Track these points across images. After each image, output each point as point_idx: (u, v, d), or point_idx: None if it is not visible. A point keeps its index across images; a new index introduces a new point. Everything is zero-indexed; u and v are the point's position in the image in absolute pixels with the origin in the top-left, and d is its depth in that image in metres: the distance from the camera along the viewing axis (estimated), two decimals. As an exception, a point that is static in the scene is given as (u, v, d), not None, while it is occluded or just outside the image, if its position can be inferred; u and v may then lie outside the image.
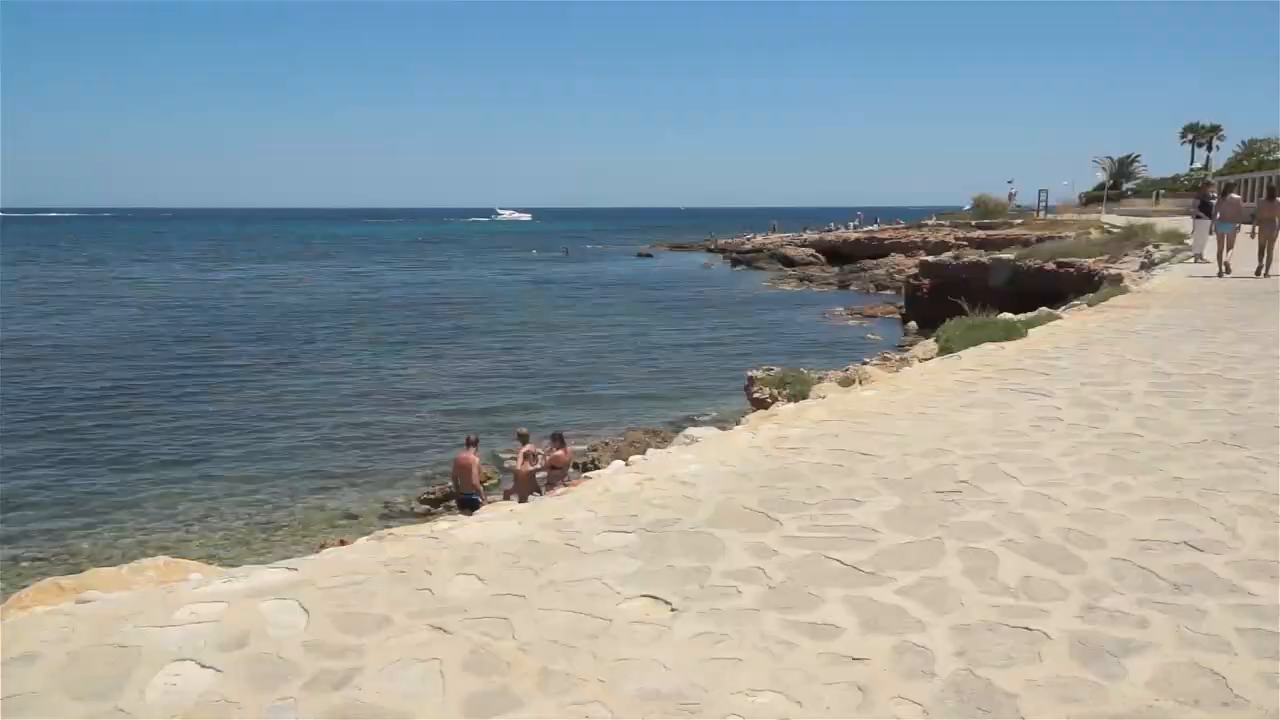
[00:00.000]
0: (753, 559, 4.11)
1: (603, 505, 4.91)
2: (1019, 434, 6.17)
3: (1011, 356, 9.24)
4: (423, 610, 3.66)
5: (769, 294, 49.92)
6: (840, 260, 61.55)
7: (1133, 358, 8.87)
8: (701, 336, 33.84)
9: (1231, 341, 9.71)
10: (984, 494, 4.95)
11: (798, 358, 24.36)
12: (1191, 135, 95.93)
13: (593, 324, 37.29)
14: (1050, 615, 3.50)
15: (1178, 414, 6.61)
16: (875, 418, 6.78)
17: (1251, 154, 60.49)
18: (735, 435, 6.58)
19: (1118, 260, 25.01)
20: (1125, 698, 2.94)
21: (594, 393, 23.88)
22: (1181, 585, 3.75)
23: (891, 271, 50.42)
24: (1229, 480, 5.08)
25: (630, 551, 4.23)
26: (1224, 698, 2.94)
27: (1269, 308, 12.45)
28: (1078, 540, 4.26)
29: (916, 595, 3.71)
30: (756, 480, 5.28)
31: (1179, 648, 3.25)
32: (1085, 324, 11.50)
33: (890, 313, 38.54)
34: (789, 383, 11.55)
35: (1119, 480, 5.12)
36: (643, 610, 3.64)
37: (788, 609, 3.61)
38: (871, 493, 5.01)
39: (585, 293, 51.20)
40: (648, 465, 5.80)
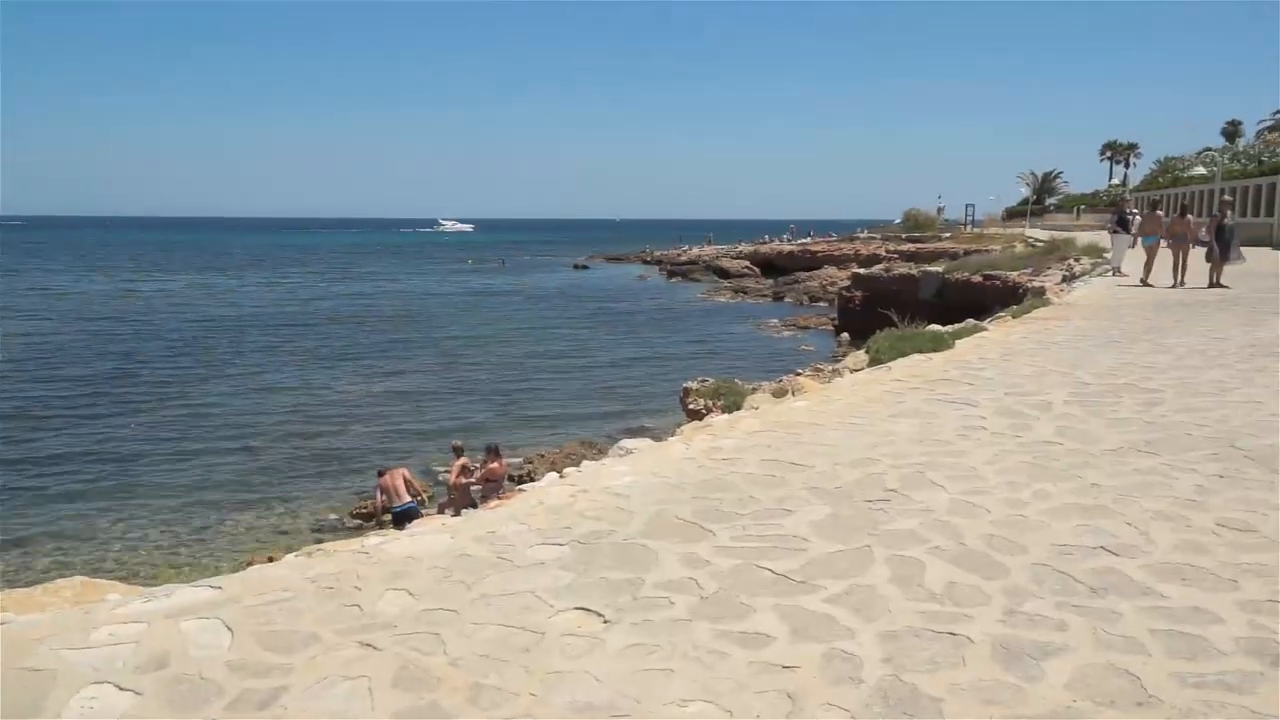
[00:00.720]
0: (685, 569, 4.13)
1: (536, 518, 4.89)
2: (945, 443, 6.31)
3: (939, 367, 9.44)
4: (351, 627, 3.61)
5: (705, 305, 50.28)
6: (774, 272, 62.31)
7: (1054, 368, 9.13)
8: (638, 348, 33.94)
9: (1146, 352, 10.06)
10: (912, 502, 5.05)
11: (733, 369, 24.56)
12: (1110, 152, 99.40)
13: (528, 337, 37.14)
14: (974, 620, 3.59)
15: (1096, 423, 6.83)
16: (807, 428, 6.87)
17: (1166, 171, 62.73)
18: (669, 446, 6.60)
19: (1041, 273, 25.74)
20: (1044, 699, 3.02)
21: (530, 405, 23.77)
22: (1098, 589, 3.87)
23: (824, 284, 51.19)
24: (1143, 486, 5.25)
25: (563, 564, 4.22)
26: (1138, 698, 3.03)
27: (1182, 319, 12.92)
28: (1000, 546, 4.37)
29: (845, 603, 3.76)
30: (690, 491, 5.31)
31: (1096, 649, 3.35)
32: (1009, 335, 11.80)
33: (823, 324, 39.11)
34: (723, 394, 11.63)
35: (1040, 487, 5.26)
36: (575, 622, 3.64)
37: (719, 619, 3.63)
38: (802, 502, 5.07)
39: (521, 305, 50.99)
40: (581, 477, 5.79)
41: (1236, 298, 15.80)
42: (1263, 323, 12.35)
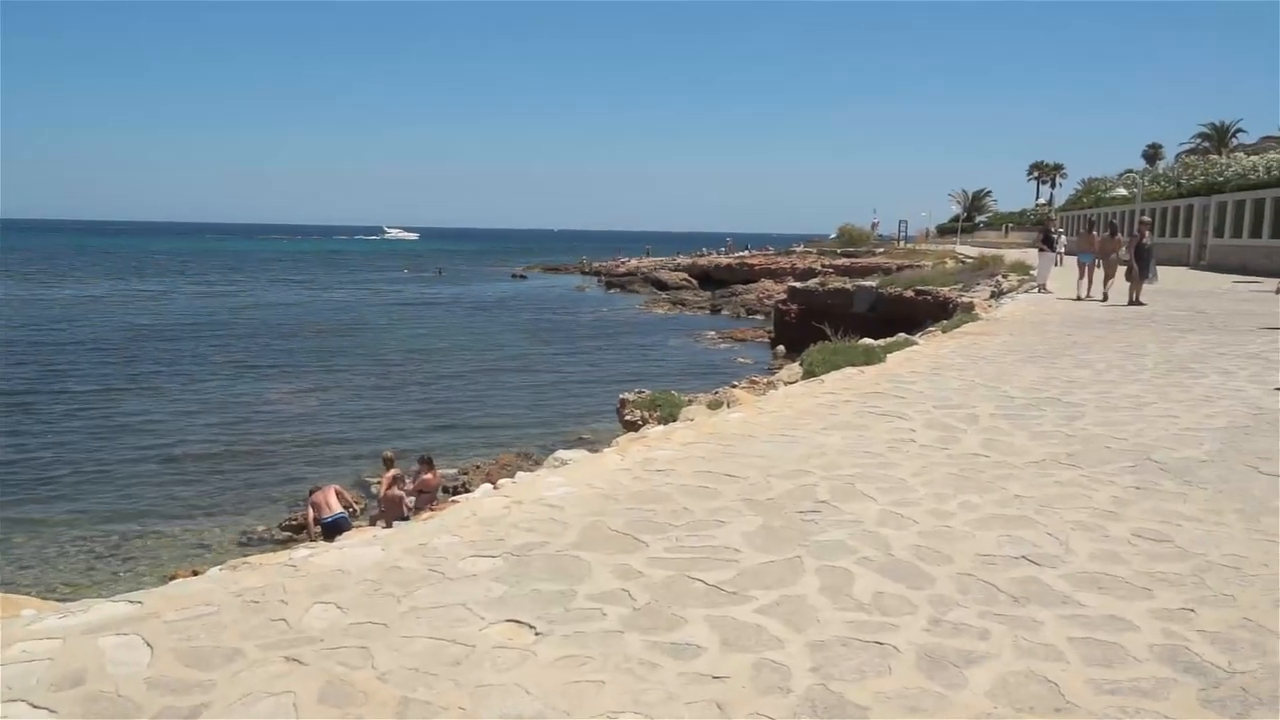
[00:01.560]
0: (618, 581, 4.14)
1: (468, 529, 4.85)
2: (876, 455, 6.42)
3: (871, 380, 9.60)
4: (277, 641, 3.54)
5: (642, 317, 50.41)
6: (712, 285, 62.78)
7: (981, 382, 9.35)
8: (575, 359, 33.88)
9: (1069, 367, 10.35)
10: (842, 513, 5.12)
11: (670, 380, 24.65)
12: (1037, 173, 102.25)
13: (465, 347, 36.82)
14: (900, 629, 3.65)
15: (1020, 435, 7.01)
16: (741, 439, 6.93)
17: (1090, 191, 64.70)
18: (604, 457, 6.61)
19: (970, 289, 26.31)
20: (966, 706, 3.09)
21: (466, 416, 23.57)
22: (1020, 598, 3.97)
23: (761, 296, 51.73)
24: (1064, 497, 5.41)
25: (495, 576, 4.20)
26: (1057, 704, 3.12)
27: (1102, 335, 13.33)
28: (927, 556, 4.46)
29: (776, 613, 3.80)
30: (624, 502, 5.32)
31: (1016, 657, 3.43)
32: (939, 350, 12.05)
33: (760, 336, 39.48)
34: (659, 405, 11.67)
35: (966, 499, 5.38)
36: (506, 635, 3.62)
37: (651, 630, 3.65)
38: (735, 513, 5.11)
39: (458, 315, 50.56)
40: (515, 488, 5.76)
41: (1153, 315, 16.36)
42: (1178, 339, 12.81)
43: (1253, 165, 39.64)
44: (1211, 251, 34.53)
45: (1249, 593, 4.04)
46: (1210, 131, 76.38)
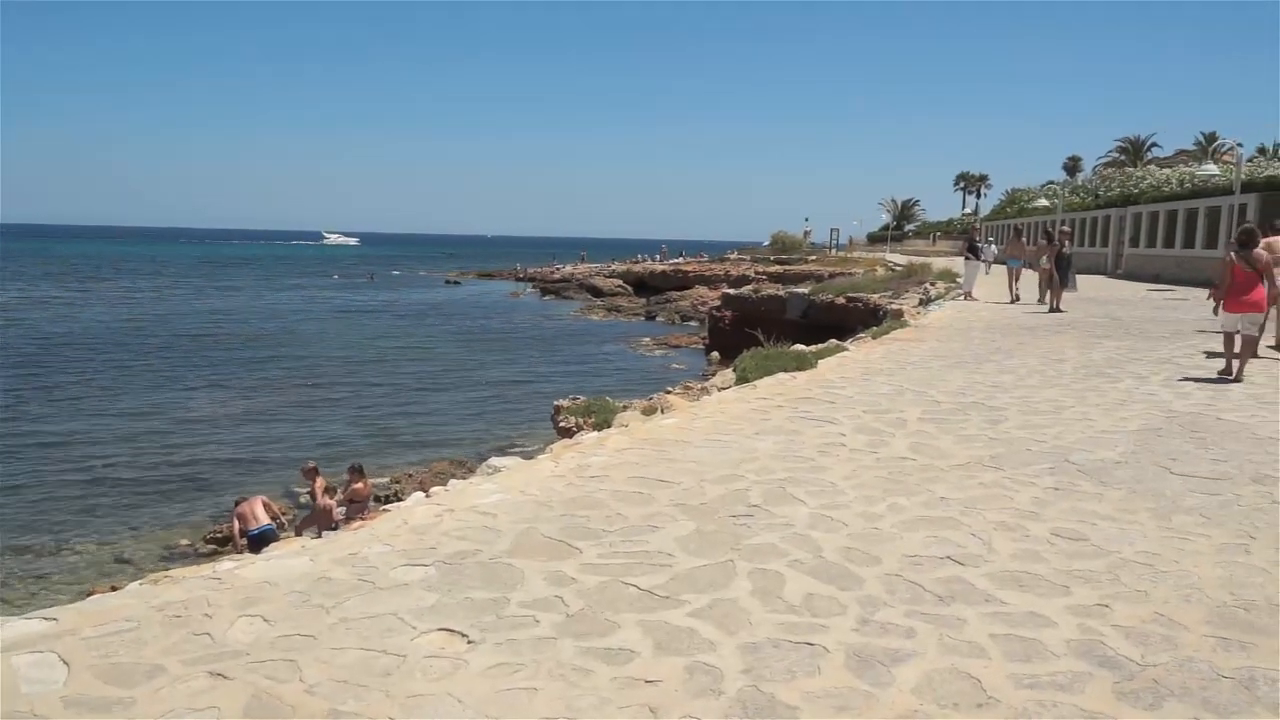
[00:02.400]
0: (551, 587, 4.14)
1: (399, 538, 4.81)
2: (807, 459, 6.52)
3: (802, 386, 9.74)
4: (200, 656, 3.46)
5: (578, 323, 50.34)
6: (647, 291, 62.94)
7: (909, 387, 9.55)
8: (509, 366, 33.68)
9: (993, 372, 10.63)
10: (774, 517, 5.19)
11: (605, 387, 24.67)
12: (963, 183, 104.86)
13: (396, 354, 36.32)
14: (829, 630, 3.72)
15: (946, 439, 7.18)
16: (674, 445, 6.98)
17: (1013, 201, 66.59)
18: (538, 464, 6.60)
19: (899, 296, 26.83)
20: (893, 704, 3.16)
21: (398, 425, 23.25)
22: (945, 597, 4.07)
23: (696, 303, 51.98)
24: (987, 499, 5.56)
25: (427, 584, 4.17)
26: (979, 699, 3.21)
27: (1024, 342, 13.72)
28: (856, 558, 4.54)
29: (708, 616, 3.84)
30: (558, 509, 5.32)
31: (941, 654, 3.52)
32: (869, 355, 12.28)
33: (694, 343, 39.70)
34: (594, 411, 11.66)
35: (894, 501, 5.50)
36: (438, 644, 3.59)
37: (584, 636, 3.65)
38: (669, 518, 5.15)
39: (390, 322, 49.86)
40: (448, 496, 5.72)
41: (1073, 322, 16.88)
42: (1096, 345, 13.24)
43: (1166, 178, 41.17)
44: (1128, 260, 35.75)
45: (1161, 588, 4.20)
46: (1126, 145, 79.23)
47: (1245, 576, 4.35)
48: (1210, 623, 3.84)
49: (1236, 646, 3.62)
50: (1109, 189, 45.88)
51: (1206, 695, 3.23)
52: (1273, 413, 8.31)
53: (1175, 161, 57.79)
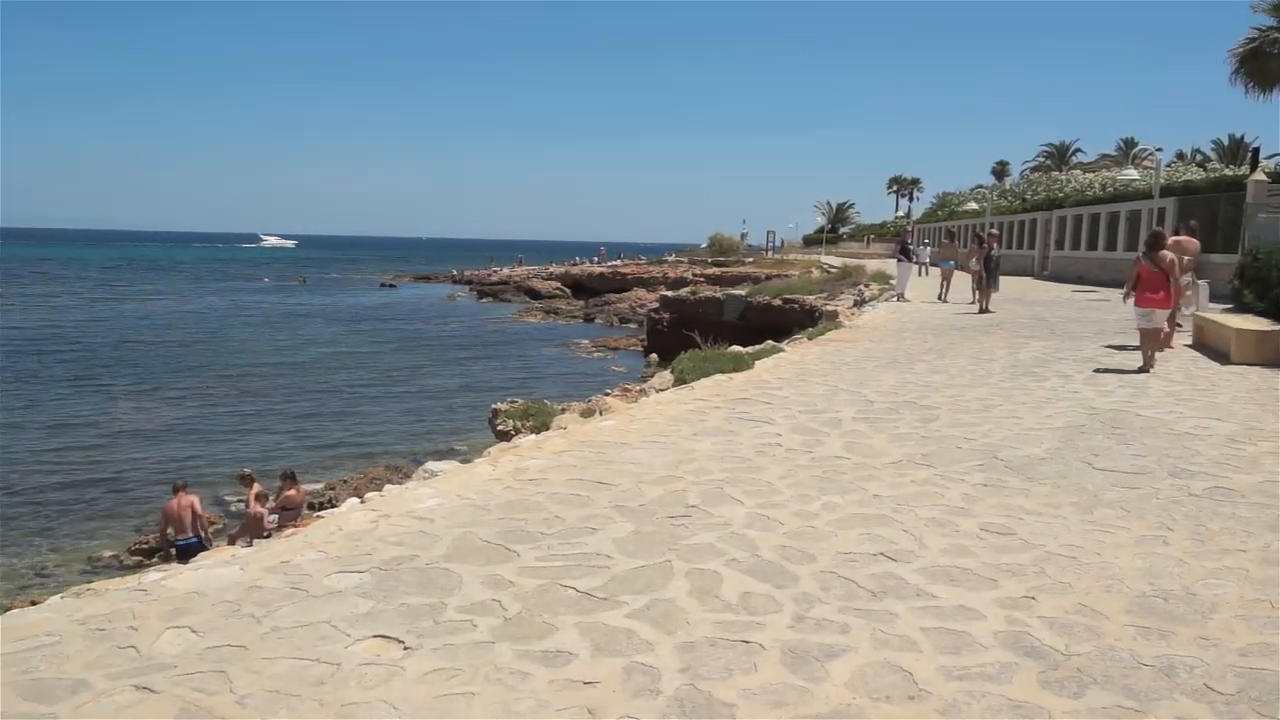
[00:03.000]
0: (489, 591, 4.12)
1: (333, 545, 4.74)
2: (744, 459, 6.58)
3: (739, 387, 9.82)
4: (126, 670, 3.37)
5: (516, 326, 50.08)
6: (585, 294, 62.91)
7: (843, 387, 9.69)
8: (447, 369, 33.37)
9: (925, 372, 10.85)
10: (711, 517, 5.23)
11: (543, 389, 24.60)
12: (896, 186, 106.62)
13: (329, 359, 35.72)
14: (765, 627, 3.76)
15: (879, 438, 7.30)
16: (613, 447, 6.99)
17: (944, 205, 68.00)
18: (475, 468, 6.55)
19: (834, 298, 27.19)
20: (827, 698, 3.21)
21: (332, 430, 22.88)
22: (877, 592, 4.15)
23: (634, 305, 52.11)
24: (919, 496, 5.67)
25: (362, 591, 4.11)
26: (910, 692, 3.27)
27: (955, 342, 14.01)
28: (792, 556, 4.60)
29: (646, 617, 3.86)
30: (495, 512, 5.29)
31: (874, 649, 3.59)
32: (804, 356, 12.43)
33: (633, 345, 39.77)
34: (532, 414, 11.62)
35: (828, 500, 5.58)
36: (373, 651, 3.55)
37: (522, 639, 3.65)
38: (607, 520, 5.16)
39: (323, 326, 49.02)
40: (384, 501, 5.65)
41: (1001, 322, 17.28)
42: (1023, 345, 13.57)
43: (1089, 182, 42.40)
44: (1053, 262, 36.69)
45: (1084, 580, 4.33)
46: (1052, 150, 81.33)
47: (1163, 567, 4.51)
48: (1130, 612, 3.97)
49: (1156, 635, 3.75)
50: (1035, 193, 47.08)
51: (1128, 683, 3.34)
52: (1189, 409, 8.61)
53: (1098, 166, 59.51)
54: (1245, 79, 31.89)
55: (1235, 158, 53.97)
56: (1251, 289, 14.60)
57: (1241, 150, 55.76)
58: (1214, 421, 8.04)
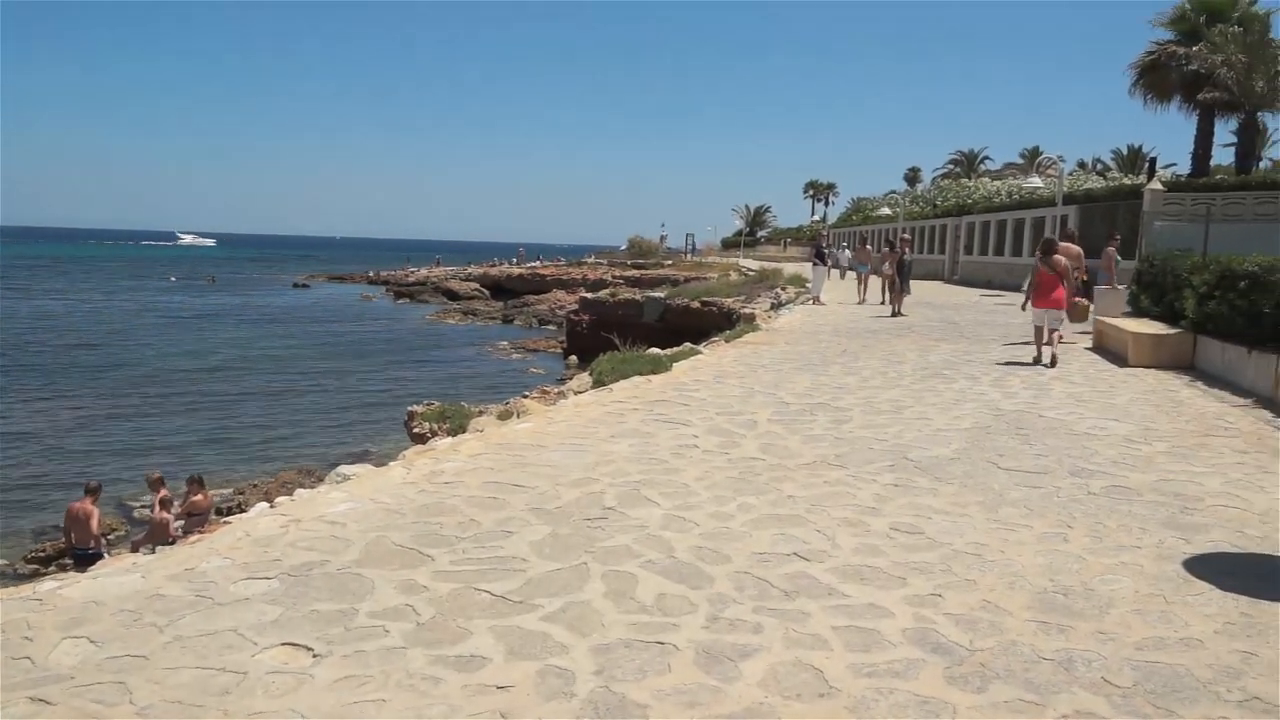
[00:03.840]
0: (402, 596, 4.06)
1: (240, 551, 4.61)
2: (661, 461, 6.61)
3: (657, 389, 9.87)
4: (20, 681, 3.24)
5: (433, 328, 49.43)
6: (504, 295, 62.46)
7: (759, 389, 9.82)
8: (362, 372, 32.74)
9: (839, 374, 11.06)
10: (628, 519, 5.25)
11: (461, 392, 24.33)
12: (813, 191, 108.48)
13: (240, 361, 34.69)
14: (680, 628, 3.79)
15: (794, 439, 7.42)
16: (530, 449, 6.96)
17: (859, 210, 69.47)
18: (389, 471, 6.45)
19: (752, 300, 27.52)
20: (739, 698, 3.25)
21: (243, 434, 22.25)
22: (790, 592, 4.21)
23: (553, 307, 51.92)
24: (831, 496, 5.78)
25: (270, 598, 4.01)
26: (820, 690, 3.33)
27: (868, 344, 14.32)
28: (707, 557, 4.64)
29: (561, 620, 3.85)
30: (409, 516, 5.22)
31: (786, 648, 3.64)
32: (722, 359, 12.55)
33: (552, 347, 39.61)
34: (449, 417, 11.50)
35: (744, 500, 5.64)
36: (281, 659, 3.47)
37: (435, 644, 3.60)
38: (523, 523, 5.13)
39: (231, 327, 47.60)
40: (294, 506, 5.52)
41: (913, 325, 17.72)
42: (933, 348, 13.94)
43: (996, 189, 43.78)
44: (963, 267, 37.79)
45: (988, 577, 4.46)
46: (961, 158, 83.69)
47: (1063, 563, 4.68)
48: (1032, 608, 4.10)
49: (1056, 630, 3.88)
50: (945, 199, 48.45)
51: (1029, 676, 3.46)
52: (1088, 410, 8.95)
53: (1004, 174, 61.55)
54: (1144, 91, 33.31)
55: (1134, 167, 56.30)
56: (1148, 294, 15.22)
57: (1140, 160, 58.18)
58: (1112, 422, 8.37)
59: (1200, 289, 11.96)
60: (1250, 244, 12.48)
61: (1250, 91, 28.88)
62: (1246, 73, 28.56)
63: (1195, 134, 31.97)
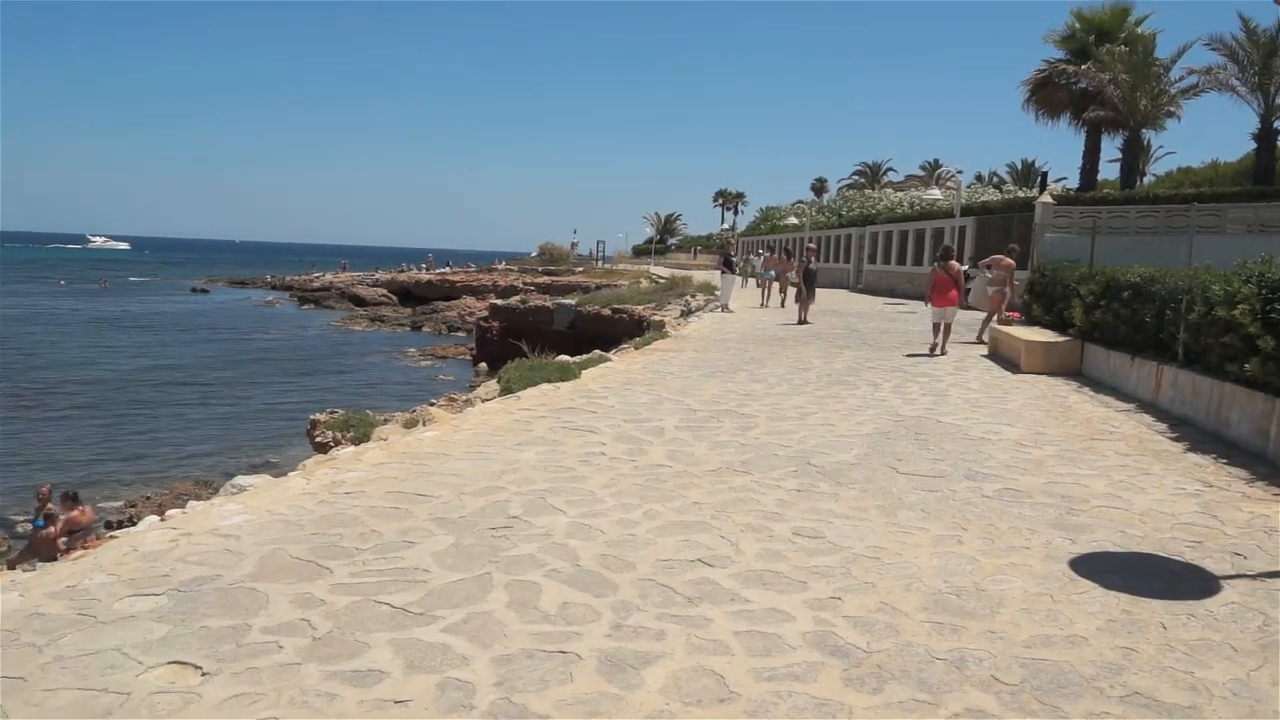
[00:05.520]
0: (297, 611, 3.95)
1: (126, 566, 4.43)
2: (568, 469, 6.59)
3: (565, 396, 9.84)
4: (-123, 711, 3.04)
5: (339, 334, 48.39)
6: (413, 301, 61.57)
7: (667, 396, 9.88)
8: (265, 380, 31.83)
9: (745, 381, 11.20)
10: (533, 527, 5.21)
11: (367, 400, 23.84)
12: (722, 199, 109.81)
13: (134, 370, 33.37)
14: (583, 637, 3.78)
15: (700, 446, 7.48)
16: (434, 458, 6.86)
17: (767, 218, 70.54)
18: (288, 481, 6.28)
19: (662, 308, 27.68)
20: (641, 705, 3.25)
21: (138, 445, 21.38)
22: (694, 598, 4.24)
23: (463, 313, 51.40)
24: (736, 502, 5.85)
25: (158, 615, 3.86)
26: (721, 695, 3.36)
27: (775, 352, 14.53)
28: (612, 565, 4.64)
29: (463, 631, 3.80)
30: (308, 528, 5.08)
31: (689, 654, 3.66)
32: (630, 366, 12.59)
33: (462, 354, 39.19)
34: (353, 425, 11.25)
35: (650, 507, 5.67)
36: (168, 678, 3.34)
37: (332, 659, 3.52)
38: (426, 533, 5.05)
39: (126, 333, 45.77)
40: (185, 519, 5.33)
41: (818, 333, 18.06)
42: (837, 355, 14.24)
43: (899, 200, 44.99)
44: (867, 276, 38.69)
45: (886, 579, 4.57)
46: (865, 170, 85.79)
47: (958, 565, 4.82)
48: (927, 609, 4.22)
49: (949, 630, 4.00)
50: (850, 209, 49.55)
51: (923, 676, 3.55)
52: (983, 415, 9.26)
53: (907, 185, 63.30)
54: (1036, 107, 34.71)
55: (1028, 180, 58.57)
56: (1040, 303, 15.84)
57: (1033, 173, 60.57)
58: (1005, 427, 8.67)
59: (1087, 299, 12.51)
60: (1134, 256, 13.11)
61: (1135, 109, 30.36)
62: (1131, 91, 30.02)
63: (1084, 149, 33.48)
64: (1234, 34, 27.47)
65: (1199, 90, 29.91)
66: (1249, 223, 20.99)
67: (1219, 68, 28.07)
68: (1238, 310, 7.92)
